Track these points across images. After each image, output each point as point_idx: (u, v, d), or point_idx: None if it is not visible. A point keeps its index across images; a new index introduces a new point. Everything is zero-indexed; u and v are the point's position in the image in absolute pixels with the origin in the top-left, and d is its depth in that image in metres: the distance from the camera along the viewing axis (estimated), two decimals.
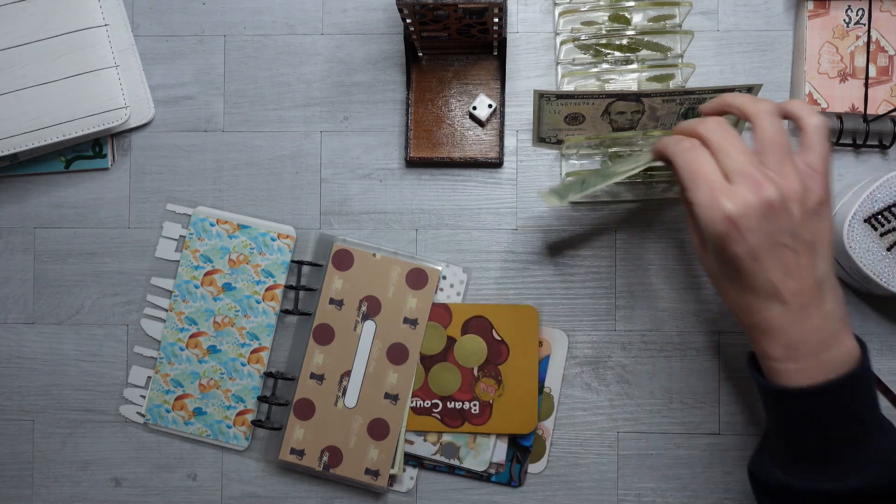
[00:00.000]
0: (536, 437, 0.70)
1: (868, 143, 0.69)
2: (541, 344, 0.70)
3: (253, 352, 0.70)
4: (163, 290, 0.72)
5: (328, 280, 0.70)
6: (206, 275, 0.71)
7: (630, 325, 0.70)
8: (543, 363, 0.70)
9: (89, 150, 0.72)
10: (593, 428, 0.70)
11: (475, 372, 0.69)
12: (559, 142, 0.67)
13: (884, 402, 0.69)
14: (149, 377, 0.71)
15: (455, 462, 0.69)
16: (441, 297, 0.70)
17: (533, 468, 0.70)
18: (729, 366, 0.70)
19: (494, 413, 0.69)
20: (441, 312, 0.70)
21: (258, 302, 0.71)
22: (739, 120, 0.61)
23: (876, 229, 0.64)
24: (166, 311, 0.71)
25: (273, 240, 0.71)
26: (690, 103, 0.63)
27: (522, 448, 0.69)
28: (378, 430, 0.68)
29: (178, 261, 0.71)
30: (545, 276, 0.71)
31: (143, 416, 0.71)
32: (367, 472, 0.68)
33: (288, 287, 0.70)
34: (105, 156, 0.72)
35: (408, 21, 0.64)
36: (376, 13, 0.72)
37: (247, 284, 0.71)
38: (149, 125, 0.73)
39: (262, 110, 0.72)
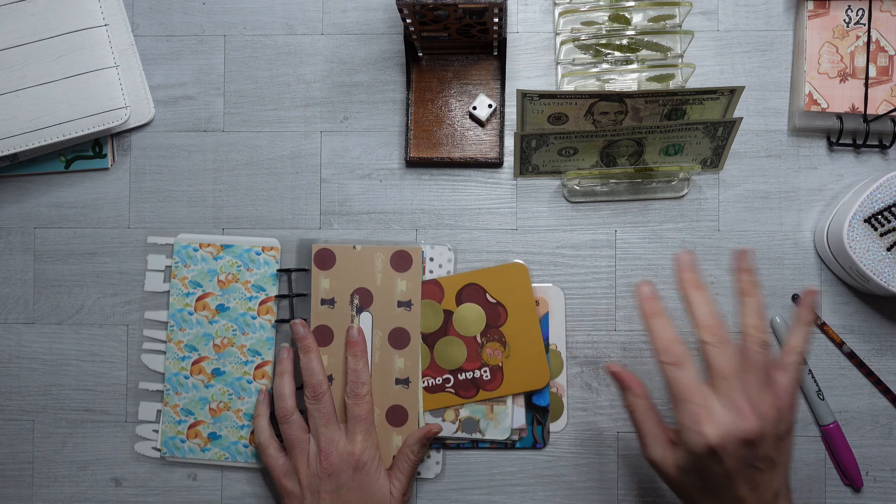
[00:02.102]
0: (552, 395, 0.69)
1: (868, 143, 0.69)
2: (538, 303, 0.70)
3: (257, 367, 0.70)
4: (158, 322, 0.71)
5: (315, 281, 0.69)
6: (198, 300, 0.70)
7: (630, 325, 0.70)
8: (544, 321, 0.70)
9: (89, 150, 0.72)
10: (593, 428, 0.70)
11: (479, 339, 0.69)
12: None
13: (883, 402, 0.69)
14: (158, 411, 0.71)
15: (477, 435, 0.69)
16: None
17: (554, 426, 0.70)
18: None
19: (506, 375, 0.68)
20: (432, 289, 0.69)
21: (254, 318, 0.70)
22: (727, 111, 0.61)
23: (876, 229, 0.64)
24: (165, 342, 0.71)
25: (258, 254, 0.70)
26: (673, 104, 0.63)
27: (541, 409, 0.69)
28: (396, 416, 0.68)
29: (168, 291, 0.71)
30: (545, 277, 0.71)
31: (158, 450, 0.70)
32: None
33: (280, 297, 0.70)
34: (105, 156, 0.72)
35: (408, 21, 0.64)
36: (376, 13, 0.72)
37: (240, 302, 0.70)
38: (149, 125, 0.73)
39: (262, 110, 0.72)
